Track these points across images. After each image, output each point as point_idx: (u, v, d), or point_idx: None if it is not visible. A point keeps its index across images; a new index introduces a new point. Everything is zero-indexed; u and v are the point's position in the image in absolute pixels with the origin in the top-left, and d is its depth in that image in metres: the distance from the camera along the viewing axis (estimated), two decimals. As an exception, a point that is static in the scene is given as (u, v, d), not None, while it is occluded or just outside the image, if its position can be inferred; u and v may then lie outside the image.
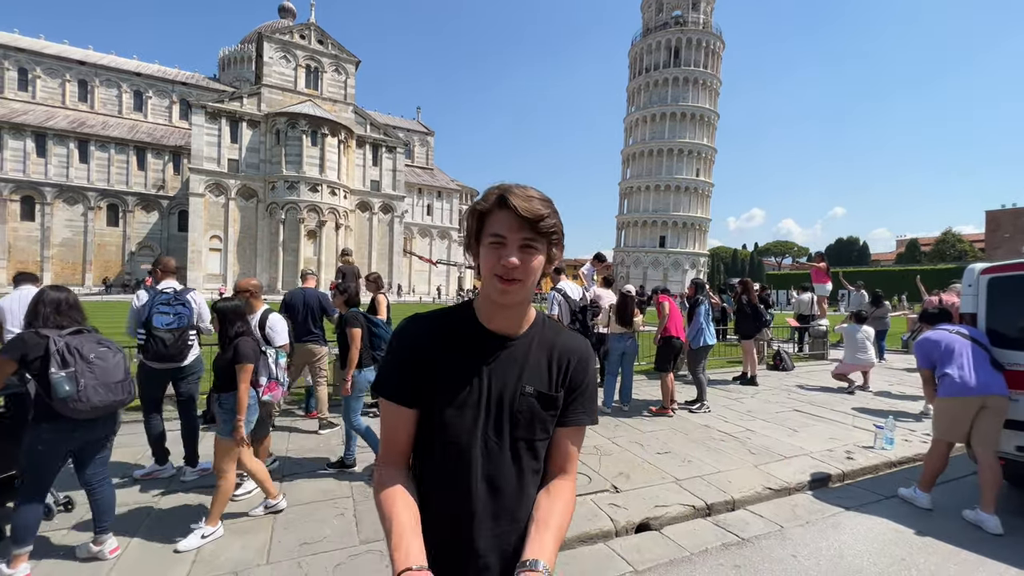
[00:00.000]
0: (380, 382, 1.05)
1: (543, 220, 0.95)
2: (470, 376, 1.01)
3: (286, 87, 46.75)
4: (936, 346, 3.88)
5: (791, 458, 4.77)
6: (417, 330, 1.05)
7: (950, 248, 70.29)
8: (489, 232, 0.96)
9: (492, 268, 0.95)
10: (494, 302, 1.00)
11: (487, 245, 0.96)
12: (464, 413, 1.00)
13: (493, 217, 0.95)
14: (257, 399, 3.42)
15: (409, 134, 65.11)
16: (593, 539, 3.28)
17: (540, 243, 0.96)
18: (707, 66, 55.91)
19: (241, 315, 3.40)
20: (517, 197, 0.94)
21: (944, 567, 3.04)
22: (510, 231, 0.94)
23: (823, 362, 11.01)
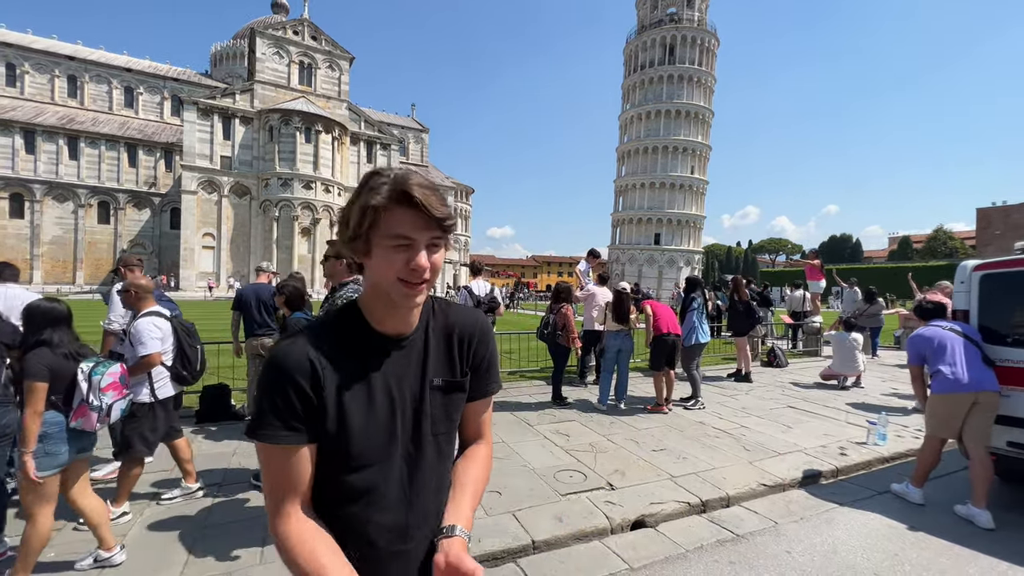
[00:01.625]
0: (260, 424, 0.86)
1: (449, 217, 0.88)
2: (374, 390, 0.92)
3: (279, 83, 46.38)
4: (928, 343, 3.91)
5: (785, 454, 4.80)
6: (298, 353, 0.88)
7: (941, 245, 70.91)
8: (390, 232, 0.85)
9: (397, 272, 0.86)
10: (395, 305, 0.92)
11: (388, 247, 0.86)
12: (376, 431, 0.92)
13: (393, 215, 0.84)
14: (65, 426, 2.58)
15: (404, 131, 64.82)
16: (588, 537, 3.28)
17: (444, 239, 0.90)
18: (702, 63, 55.95)
19: (54, 319, 2.67)
20: (425, 193, 0.85)
21: (936, 562, 3.07)
22: (417, 231, 0.86)
23: (817, 359, 11.08)
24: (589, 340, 7.49)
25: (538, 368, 8.70)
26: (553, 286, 7.11)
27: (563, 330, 6.44)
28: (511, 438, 5.07)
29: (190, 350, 3.67)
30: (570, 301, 6.75)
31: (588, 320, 7.28)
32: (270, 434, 0.86)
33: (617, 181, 60.59)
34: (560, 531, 3.25)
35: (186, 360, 3.64)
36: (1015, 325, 3.89)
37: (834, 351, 8.32)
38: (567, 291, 6.77)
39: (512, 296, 37.39)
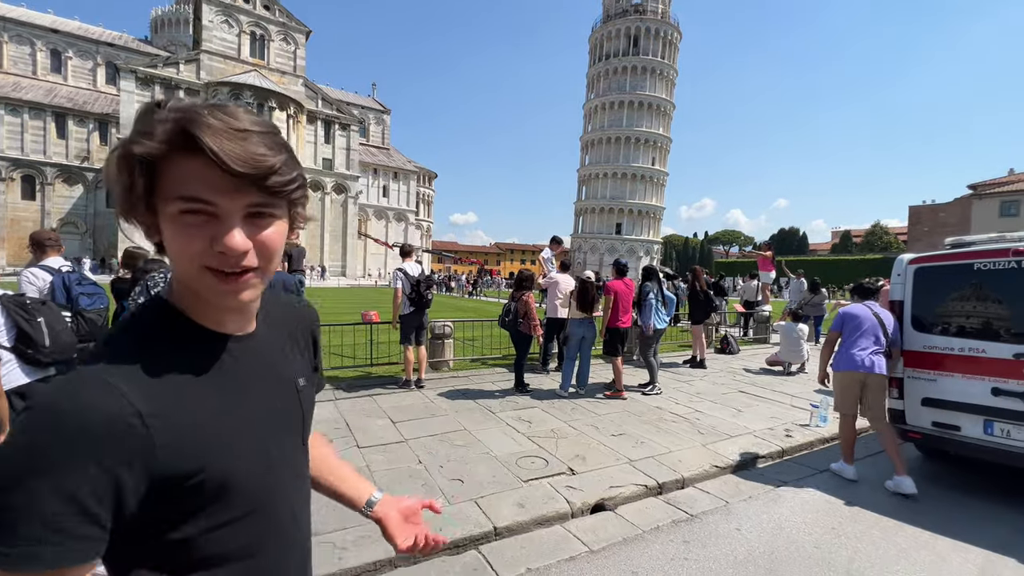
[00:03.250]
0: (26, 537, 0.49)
1: (274, 173, 0.58)
2: (232, 418, 0.65)
3: (228, 55, 43.66)
4: (853, 320, 4.31)
5: (736, 437, 5.02)
6: (104, 403, 0.53)
7: (878, 240, 76.06)
8: (174, 194, 0.56)
9: (198, 256, 0.58)
10: (222, 307, 0.65)
11: (175, 216, 0.57)
12: (247, 468, 0.66)
13: (178, 169, 0.55)
14: None
15: (364, 111, 62.68)
16: (550, 521, 3.32)
17: (277, 206, 0.62)
18: (664, 56, 56.89)
19: None
20: (218, 135, 0.55)
21: (869, 533, 3.30)
22: (221, 194, 0.56)
23: (766, 346, 11.66)
24: (552, 327, 7.55)
25: (500, 355, 8.72)
26: (515, 273, 7.10)
27: (524, 318, 6.45)
28: (473, 426, 5.06)
29: (28, 327, 3.08)
30: (532, 289, 6.77)
31: (552, 308, 7.33)
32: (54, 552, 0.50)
33: (581, 170, 61.12)
34: (522, 516, 3.27)
35: (28, 339, 2.98)
36: (941, 315, 4.20)
37: (781, 340, 8.78)
38: (529, 279, 6.78)
39: (475, 284, 37.17)
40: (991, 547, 3.11)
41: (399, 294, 6.21)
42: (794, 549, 3.09)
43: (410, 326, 6.31)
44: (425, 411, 5.51)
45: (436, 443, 4.54)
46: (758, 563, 2.92)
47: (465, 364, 8.18)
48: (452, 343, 8.03)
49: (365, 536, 2.94)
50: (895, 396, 4.36)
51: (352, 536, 2.94)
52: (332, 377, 6.90)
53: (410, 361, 6.43)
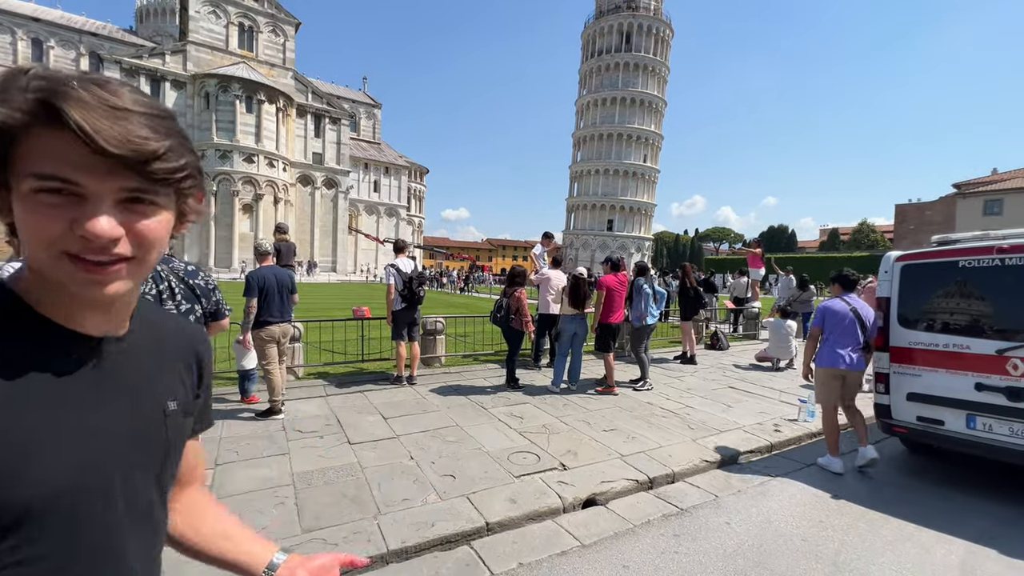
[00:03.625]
0: None
1: (158, 159, 0.52)
2: (66, 433, 0.55)
3: (216, 46, 42.99)
4: (833, 315, 4.45)
5: (726, 432, 5.08)
6: None
7: (864, 238, 77.16)
8: (29, 170, 0.49)
9: (56, 239, 0.50)
10: (85, 297, 0.55)
11: (27, 194, 0.50)
12: (74, 500, 0.55)
13: (38, 142, 0.49)
14: None
15: (355, 106, 62.10)
16: (542, 516, 3.34)
17: (160, 194, 0.55)
18: (656, 53, 57.00)
19: None
20: (90, 111, 0.48)
21: (855, 526, 3.36)
22: (88, 174, 0.50)
23: (755, 342, 11.78)
24: (544, 323, 7.56)
25: (492, 351, 8.72)
26: (508, 269, 7.07)
27: (516, 314, 6.44)
28: (465, 422, 5.05)
29: None
30: (524, 285, 6.75)
31: (544, 304, 7.34)
32: None
33: (572, 167, 61.14)
34: (514, 512, 3.28)
35: None
36: (927, 312, 4.27)
37: (770, 336, 8.88)
38: (522, 275, 6.76)
39: (466, 279, 37.11)
40: (973, 539, 3.18)
41: (391, 290, 6.18)
42: (782, 542, 3.13)
43: (402, 322, 6.28)
44: (417, 407, 5.50)
45: (428, 439, 4.54)
46: (747, 556, 2.95)
47: (457, 360, 8.17)
48: (444, 339, 8.01)
49: (358, 532, 2.93)
50: (881, 391, 4.43)
51: (343, 532, 2.93)
52: (322, 373, 6.86)
53: (402, 357, 6.40)
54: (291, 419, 4.92)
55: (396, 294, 6.18)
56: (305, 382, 6.39)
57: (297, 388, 6.03)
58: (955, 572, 2.85)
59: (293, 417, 4.98)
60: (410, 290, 6.18)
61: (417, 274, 6.25)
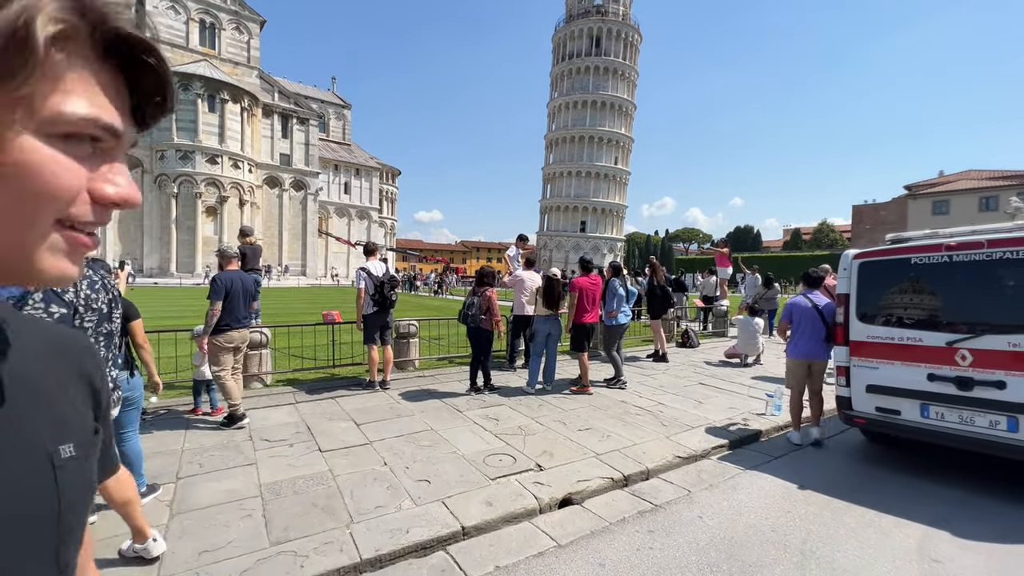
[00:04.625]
0: None
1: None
2: None
3: (175, 43, 41.40)
4: (798, 312, 5.04)
5: (697, 427, 5.18)
6: None
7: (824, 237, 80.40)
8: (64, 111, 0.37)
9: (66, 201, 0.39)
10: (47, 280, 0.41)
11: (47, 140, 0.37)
12: None
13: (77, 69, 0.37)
14: None
15: (324, 106, 60.87)
16: (518, 518, 3.32)
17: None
18: (626, 57, 58.01)
19: None
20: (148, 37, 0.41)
21: (821, 515, 3.48)
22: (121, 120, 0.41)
23: (724, 339, 12.10)
24: (519, 324, 7.56)
25: (467, 354, 8.65)
26: (477, 269, 7.01)
27: (487, 313, 6.37)
28: (440, 425, 4.99)
29: None
30: (494, 285, 6.69)
31: (518, 305, 7.34)
32: None
33: (545, 169, 61.54)
34: (490, 515, 3.26)
35: None
36: (883, 307, 4.47)
37: (739, 333, 9.13)
38: (491, 275, 6.68)
39: (440, 283, 36.76)
40: (928, 522, 3.33)
41: (362, 294, 6.07)
42: (752, 533, 3.21)
43: (374, 326, 6.17)
44: (390, 412, 5.41)
45: (402, 444, 4.46)
46: (719, 548, 3.01)
47: (431, 363, 8.08)
48: (418, 342, 7.91)
49: (329, 543, 2.85)
50: (843, 384, 4.61)
51: (313, 544, 2.84)
52: (292, 380, 6.66)
53: (375, 361, 6.29)
54: (259, 428, 4.75)
55: (367, 298, 6.07)
56: (273, 389, 6.20)
57: (265, 396, 5.83)
58: (913, 555, 2.98)
59: (261, 426, 4.81)
60: (381, 294, 6.07)
61: (389, 277, 6.15)
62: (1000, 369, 3.69)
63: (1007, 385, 3.65)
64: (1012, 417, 3.64)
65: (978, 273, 3.91)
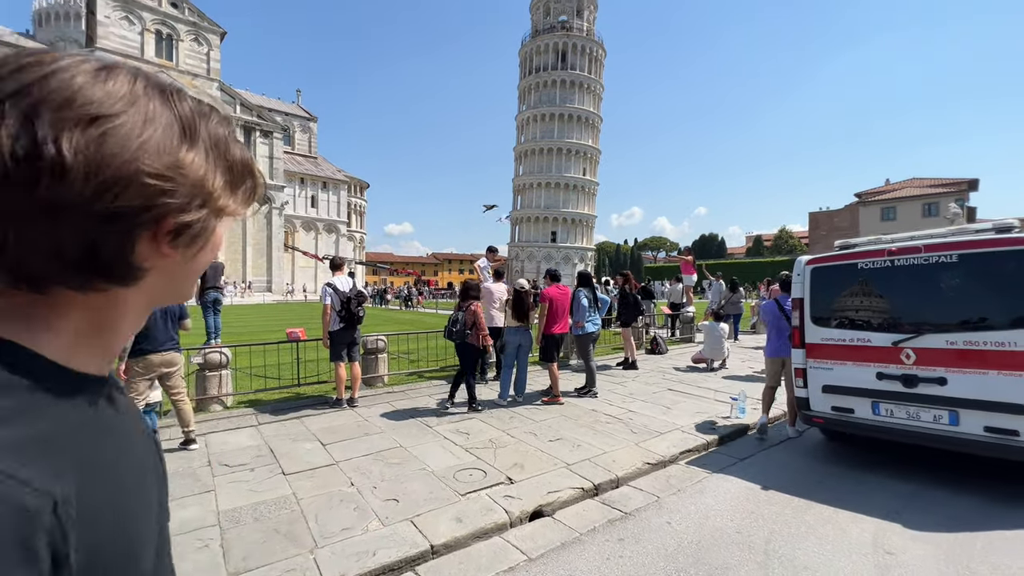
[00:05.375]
0: None
1: None
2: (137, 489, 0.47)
3: (130, 54, 39.99)
4: (769, 315, 5.63)
5: (666, 433, 5.27)
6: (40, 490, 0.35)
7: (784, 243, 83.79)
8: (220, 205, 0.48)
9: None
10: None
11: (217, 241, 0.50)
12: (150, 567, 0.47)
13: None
14: None
15: (288, 119, 59.80)
16: (488, 533, 3.28)
17: None
18: (591, 71, 59.46)
19: None
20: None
21: (783, 514, 3.58)
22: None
23: (691, 344, 12.39)
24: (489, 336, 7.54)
25: (437, 368, 8.57)
26: (461, 283, 6.88)
27: (472, 328, 6.24)
28: (409, 442, 4.91)
29: None
30: (479, 298, 6.60)
31: (487, 316, 7.32)
32: None
33: (516, 180, 62.08)
34: (460, 532, 3.21)
35: None
36: (835, 310, 4.68)
37: (705, 338, 9.38)
38: (476, 288, 6.53)
39: (408, 296, 36.25)
40: (881, 516, 3.48)
41: (328, 310, 5.94)
42: (719, 536, 3.27)
43: (341, 343, 6.04)
44: (358, 430, 5.28)
45: (370, 463, 4.36)
46: (687, 553, 3.06)
47: (401, 379, 7.95)
48: (387, 357, 7.78)
49: (291, 570, 2.74)
50: (800, 385, 4.79)
51: (275, 572, 2.73)
52: (255, 401, 6.43)
53: (342, 379, 6.14)
54: (218, 452, 4.56)
55: (333, 314, 5.94)
56: (234, 411, 5.96)
57: (225, 419, 5.60)
58: (868, 547, 3.10)
59: (220, 450, 4.62)
60: (348, 310, 5.94)
61: (356, 293, 6.03)
62: (940, 366, 3.92)
63: (947, 381, 3.88)
64: (953, 411, 3.86)
65: (918, 276, 4.16)
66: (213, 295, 8.29)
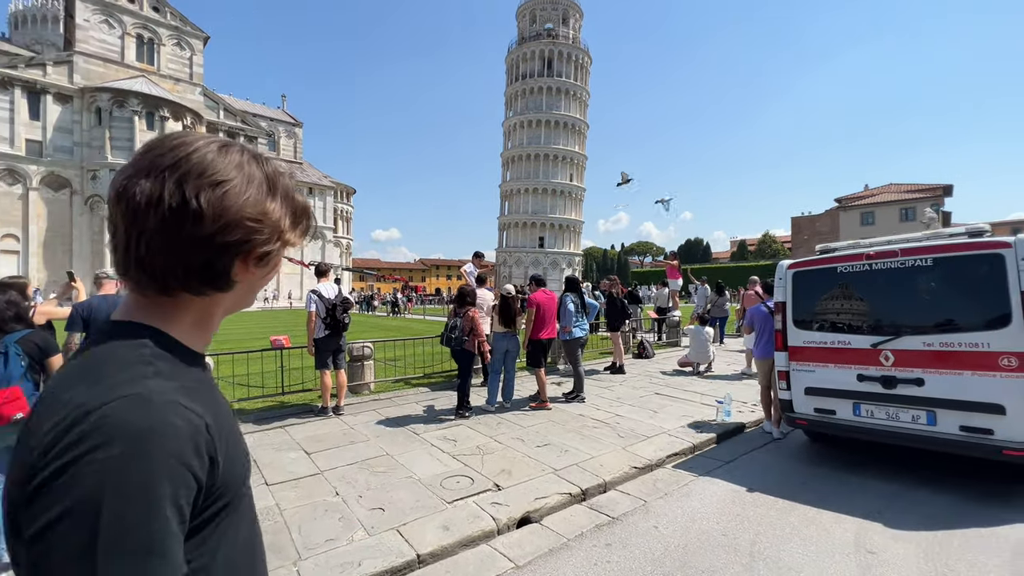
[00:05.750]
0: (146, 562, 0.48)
1: None
2: (236, 432, 0.67)
3: (110, 58, 39.36)
4: (759, 319, 5.85)
5: (652, 437, 5.29)
6: (199, 419, 0.56)
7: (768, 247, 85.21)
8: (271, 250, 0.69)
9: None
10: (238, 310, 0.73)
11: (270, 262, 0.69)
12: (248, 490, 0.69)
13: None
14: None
15: (273, 124, 59.24)
16: (475, 541, 3.26)
17: None
18: (577, 78, 60.04)
19: None
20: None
21: (767, 516, 3.61)
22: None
23: (678, 348, 12.50)
24: (476, 342, 7.51)
25: (423, 375, 8.51)
26: (457, 289, 6.78)
27: (470, 335, 6.17)
28: (396, 450, 4.86)
29: None
30: (475, 304, 6.49)
31: (474, 322, 7.29)
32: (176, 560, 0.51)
33: (503, 186, 62.22)
34: (447, 540, 3.18)
35: None
36: (817, 313, 4.77)
37: (691, 342, 9.46)
38: (472, 294, 6.50)
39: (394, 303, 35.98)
40: (863, 516, 3.53)
41: (313, 317, 5.87)
42: (705, 539, 3.29)
43: (326, 350, 5.97)
44: (344, 439, 5.21)
45: (355, 472, 4.30)
46: (674, 557, 3.07)
47: (387, 386, 7.87)
48: (373, 364, 7.71)
49: None
50: (784, 388, 4.86)
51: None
52: (238, 411, 6.31)
53: (327, 387, 6.07)
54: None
55: (318, 321, 5.87)
56: (217, 421, 5.83)
57: (207, 429, 5.48)
58: (850, 547, 3.14)
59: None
60: (333, 317, 5.88)
61: (341, 300, 5.98)
62: (918, 367, 4.01)
63: (925, 382, 3.97)
64: (931, 411, 3.94)
65: (895, 279, 4.26)
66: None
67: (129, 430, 0.50)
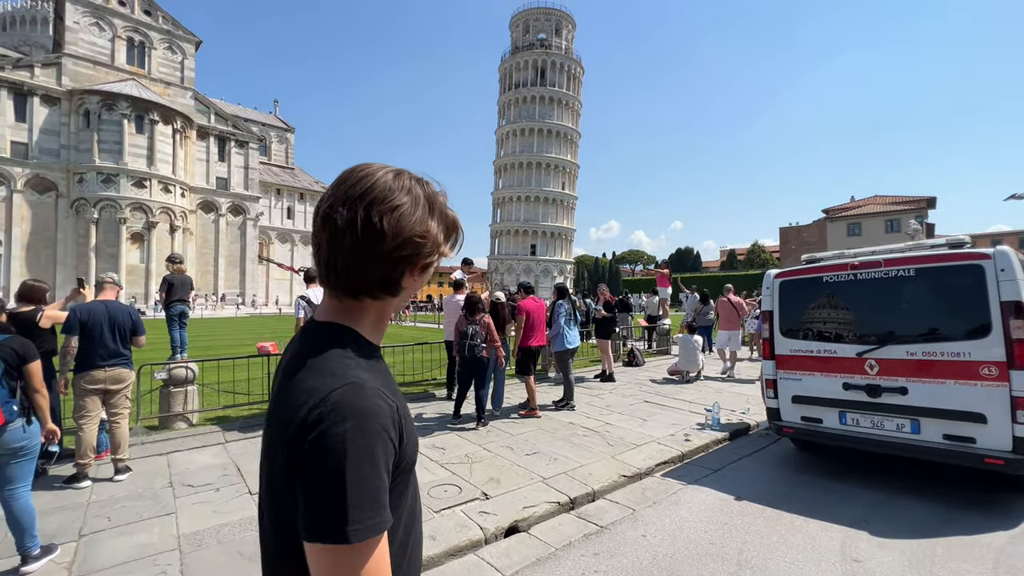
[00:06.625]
0: (369, 513, 0.62)
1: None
2: (414, 427, 0.81)
3: (99, 61, 39.05)
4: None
5: (641, 445, 5.29)
6: (383, 401, 0.68)
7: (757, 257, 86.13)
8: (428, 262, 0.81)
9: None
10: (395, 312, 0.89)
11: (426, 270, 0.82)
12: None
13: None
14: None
15: (265, 129, 59.05)
16: (463, 551, 3.22)
17: None
18: (569, 88, 60.67)
19: None
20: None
21: (755, 524, 3.62)
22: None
23: (668, 356, 12.55)
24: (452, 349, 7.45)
25: (414, 381, 8.45)
26: (465, 298, 6.57)
27: (487, 341, 6.04)
28: (384, 458, 4.80)
29: None
30: (486, 311, 6.38)
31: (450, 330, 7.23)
32: (380, 521, 0.63)
33: (495, 194, 62.43)
34: (433, 550, 3.14)
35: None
36: (803, 322, 4.82)
37: (680, 351, 9.51)
38: (480, 301, 6.34)
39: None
40: (849, 524, 3.55)
41: (301, 323, 5.81)
42: (693, 548, 3.28)
43: (313, 356, 5.89)
44: (331, 447, 5.13)
45: (342, 481, 4.23)
46: (661, 566, 3.06)
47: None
48: (362, 371, 7.62)
49: (254, 595, 2.63)
50: (771, 396, 4.89)
51: (238, 598, 2.61)
52: (223, 418, 6.20)
53: (314, 394, 5.98)
54: (181, 472, 4.37)
55: (307, 327, 5.80)
56: (200, 429, 5.74)
57: (190, 436, 5.39)
58: (836, 555, 3.15)
59: (184, 470, 4.43)
60: None
61: None
62: (902, 376, 4.06)
63: (909, 391, 4.02)
64: (915, 420, 3.99)
65: (879, 289, 4.32)
66: (179, 308, 7.99)
67: (354, 409, 0.64)
